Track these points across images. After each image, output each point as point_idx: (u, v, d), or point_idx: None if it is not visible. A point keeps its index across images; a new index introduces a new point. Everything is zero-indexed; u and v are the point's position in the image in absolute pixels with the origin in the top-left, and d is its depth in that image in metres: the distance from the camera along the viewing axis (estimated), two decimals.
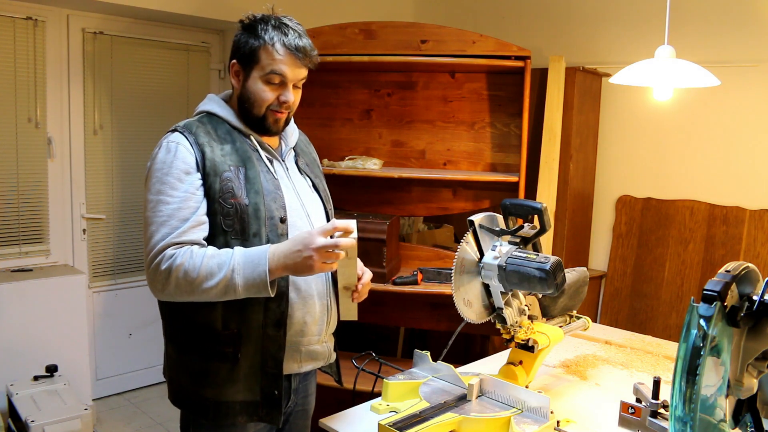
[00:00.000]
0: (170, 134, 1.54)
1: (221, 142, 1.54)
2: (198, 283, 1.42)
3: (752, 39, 3.01)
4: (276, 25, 1.56)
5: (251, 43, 1.55)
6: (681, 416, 1.06)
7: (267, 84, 1.55)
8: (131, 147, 3.68)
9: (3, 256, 3.27)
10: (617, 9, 3.43)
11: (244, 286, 1.42)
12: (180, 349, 1.58)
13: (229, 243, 1.49)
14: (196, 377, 1.55)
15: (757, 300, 1.11)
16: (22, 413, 2.71)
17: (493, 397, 1.59)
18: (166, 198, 1.46)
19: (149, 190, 1.49)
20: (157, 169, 1.49)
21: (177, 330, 1.58)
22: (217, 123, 1.58)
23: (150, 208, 1.47)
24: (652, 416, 1.42)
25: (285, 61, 1.54)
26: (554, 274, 1.53)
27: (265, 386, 1.53)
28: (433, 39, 2.90)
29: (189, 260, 1.42)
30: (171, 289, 1.44)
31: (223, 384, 1.52)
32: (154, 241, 1.44)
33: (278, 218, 1.54)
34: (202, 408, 1.55)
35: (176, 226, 1.44)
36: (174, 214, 1.45)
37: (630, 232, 3.44)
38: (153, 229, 1.45)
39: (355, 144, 3.26)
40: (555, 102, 3.16)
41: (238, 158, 1.54)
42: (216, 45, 3.93)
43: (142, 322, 3.82)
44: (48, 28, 3.31)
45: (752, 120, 3.05)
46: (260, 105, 1.57)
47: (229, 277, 1.41)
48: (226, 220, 1.49)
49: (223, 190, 1.49)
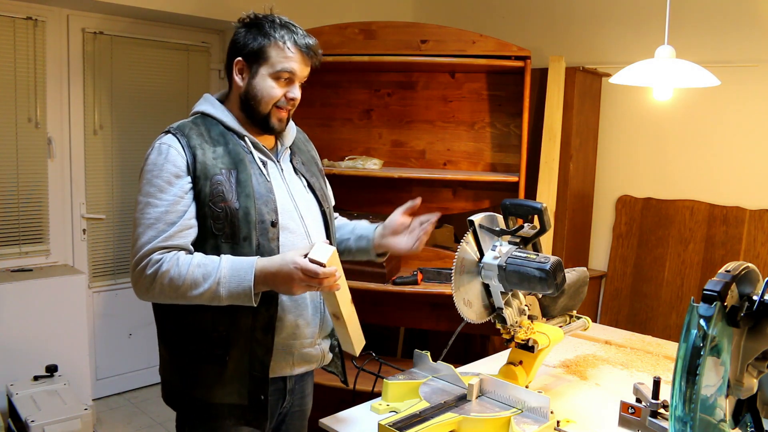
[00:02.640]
0: (163, 136, 1.54)
1: (214, 144, 1.54)
2: (183, 291, 1.43)
3: (752, 39, 3.01)
4: (282, 24, 1.57)
5: (260, 40, 1.55)
6: (681, 416, 1.06)
7: (276, 81, 1.56)
8: (131, 147, 3.68)
9: (3, 256, 3.27)
10: (617, 9, 3.43)
11: (228, 297, 1.43)
12: (172, 350, 1.58)
13: (219, 247, 1.49)
14: (188, 378, 1.55)
15: (757, 300, 1.11)
16: (22, 413, 2.71)
17: (493, 397, 1.59)
18: (155, 201, 1.46)
19: (139, 191, 1.49)
20: (148, 170, 1.49)
21: (169, 331, 1.58)
22: (211, 124, 1.58)
23: (139, 209, 1.47)
24: (652, 416, 1.42)
25: (296, 58, 1.55)
26: (554, 274, 1.53)
27: (252, 390, 1.53)
28: (433, 39, 2.90)
29: (175, 267, 1.42)
30: (155, 294, 1.45)
31: (213, 386, 1.53)
32: (139, 244, 1.45)
33: (269, 222, 1.53)
34: (193, 409, 1.56)
35: (163, 229, 1.44)
36: (161, 217, 1.45)
37: (630, 232, 3.44)
38: (140, 231, 1.46)
39: (355, 144, 3.26)
40: (555, 102, 3.16)
41: (230, 161, 1.53)
42: (216, 45, 3.93)
43: (142, 322, 3.81)
44: (48, 28, 3.31)
45: (752, 120, 3.05)
46: (267, 102, 1.56)
47: (214, 289, 1.42)
48: (216, 224, 1.49)
49: (213, 194, 1.48)
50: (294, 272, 1.38)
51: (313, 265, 1.37)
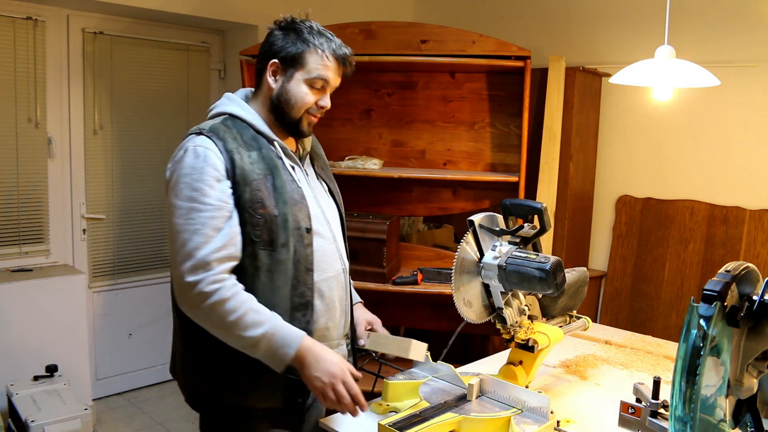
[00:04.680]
0: (195, 137, 1.48)
1: (248, 148, 1.51)
2: (228, 326, 1.41)
3: (752, 39, 3.01)
4: (319, 32, 1.57)
5: (299, 45, 1.54)
6: (681, 416, 1.06)
7: (310, 87, 1.56)
8: (131, 147, 3.68)
9: (3, 256, 3.27)
10: (617, 9, 3.43)
11: (263, 353, 1.43)
12: (200, 355, 1.55)
13: (256, 254, 1.48)
14: (219, 383, 1.54)
15: (757, 300, 1.11)
16: (22, 413, 2.71)
17: (493, 397, 1.59)
18: (199, 205, 1.42)
19: (177, 195, 1.44)
20: (186, 174, 1.44)
21: (198, 337, 1.53)
22: (242, 127, 1.55)
23: (181, 214, 1.43)
24: (652, 416, 1.42)
25: (332, 67, 1.56)
26: (554, 274, 1.53)
27: (288, 393, 1.53)
28: (433, 39, 2.90)
29: (233, 301, 1.41)
30: (200, 313, 1.43)
31: (248, 391, 1.52)
32: (188, 249, 1.41)
33: (305, 228, 1.53)
34: (224, 414, 1.55)
35: (211, 235, 1.42)
36: (207, 222, 1.42)
37: (630, 232, 3.44)
38: (185, 237, 1.41)
39: (355, 144, 3.26)
40: (555, 102, 3.16)
41: (266, 166, 1.51)
42: (216, 45, 3.93)
43: (142, 322, 3.82)
44: (48, 28, 3.31)
45: (752, 120, 3.05)
46: (300, 107, 1.56)
47: (258, 340, 1.41)
48: (255, 231, 1.47)
49: (253, 200, 1.47)
50: (337, 372, 1.41)
51: (354, 385, 1.41)
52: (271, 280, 1.49)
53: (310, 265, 1.55)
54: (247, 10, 3.54)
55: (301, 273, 1.53)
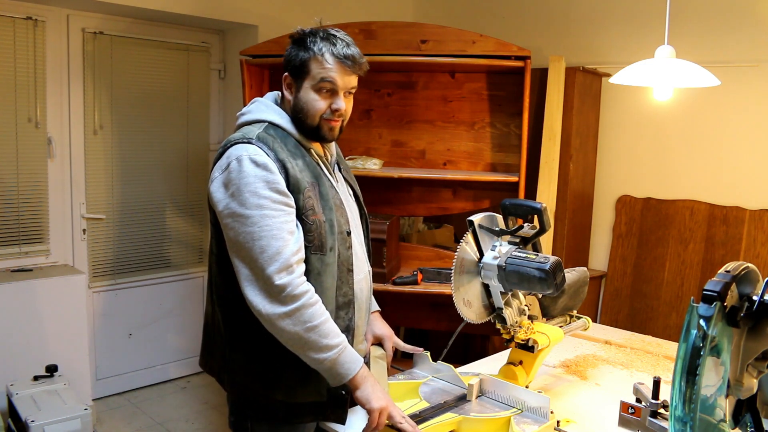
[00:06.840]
0: (246, 146, 1.51)
1: (294, 157, 1.56)
2: (310, 330, 1.45)
3: (752, 39, 3.01)
4: (324, 37, 1.59)
5: (301, 55, 1.58)
6: (681, 416, 1.06)
7: (318, 93, 1.58)
8: (131, 147, 3.68)
9: (3, 256, 3.27)
10: (617, 9, 3.43)
11: (330, 365, 1.47)
12: (249, 356, 1.59)
13: (308, 258, 1.52)
14: (269, 382, 1.58)
15: (757, 300, 1.11)
16: (22, 413, 2.71)
17: (493, 397, 1.59)
18: (271, 212, 1.46)
19: (244, 204, 1.46)
20: (249, 182, 1.47)
21: (245, 338, 1.58)
22: (283, 136, 1.59)
23: (254, 222, 1.45)
24: (652, 416, 1.42)
25: (334, 69, 1.57)
26: (554, 274, 1.53)
27: (332, 387, 1.56)
28: (433, 39, 2.90)
29: (318, 306, 1.47)
30: (286, 314, 1.45)
31: (295, 387, 1.57)
32: (271, 253, 1.44)
33: (346, 232, 1.61)
34: (273, 411, 1.60)
35: (288, 239, 1.47)
36: (282, 226, 1.47)
37: (630, 232, 3.44)
38: (262, 243, 1.45)
39: (355, 144, 3.26)
40: (555, 102, 3.16)
41: (311, 174, 1.57)
42: (216, 45, 3.93)
43: (142, 322, 3.82)
44: (48, 28, 3.31)
45: (752, 120, 3.05)
46: (314, 115, 1.59)
47: (330, 348, 1.46)
48: (308, 236, 1.53)
49: (305, 207, 1.53)
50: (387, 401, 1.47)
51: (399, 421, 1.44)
52: (320, 282, 1.54)
53: (351, 266, 1.62)
54: (247, 10, 3.54)
55: (343, 273, 1.60)
